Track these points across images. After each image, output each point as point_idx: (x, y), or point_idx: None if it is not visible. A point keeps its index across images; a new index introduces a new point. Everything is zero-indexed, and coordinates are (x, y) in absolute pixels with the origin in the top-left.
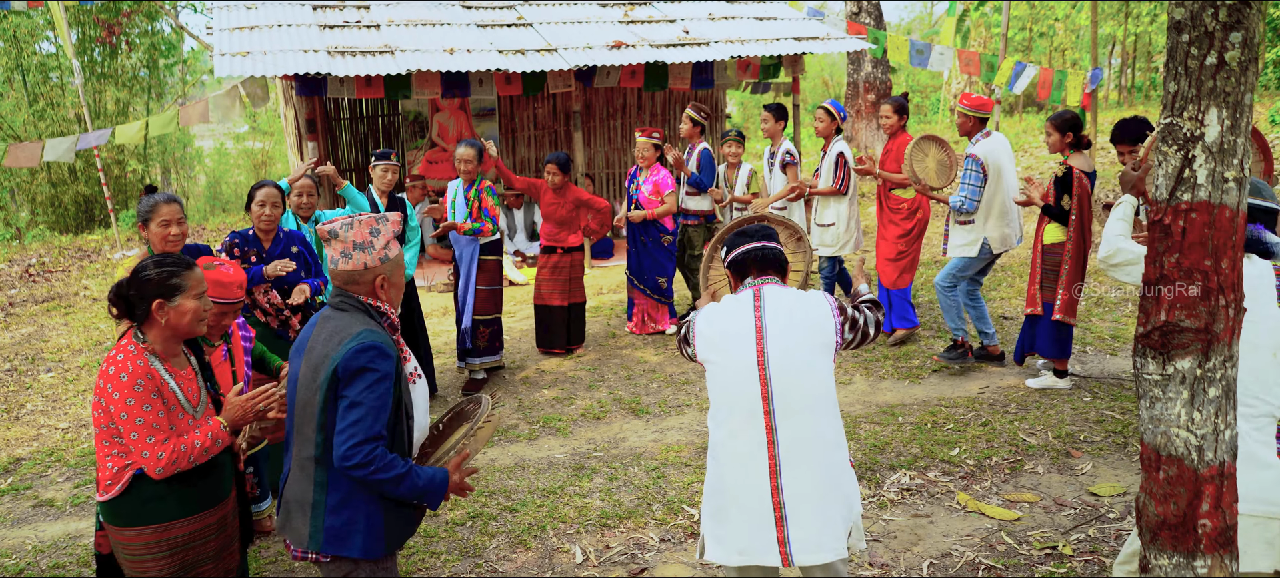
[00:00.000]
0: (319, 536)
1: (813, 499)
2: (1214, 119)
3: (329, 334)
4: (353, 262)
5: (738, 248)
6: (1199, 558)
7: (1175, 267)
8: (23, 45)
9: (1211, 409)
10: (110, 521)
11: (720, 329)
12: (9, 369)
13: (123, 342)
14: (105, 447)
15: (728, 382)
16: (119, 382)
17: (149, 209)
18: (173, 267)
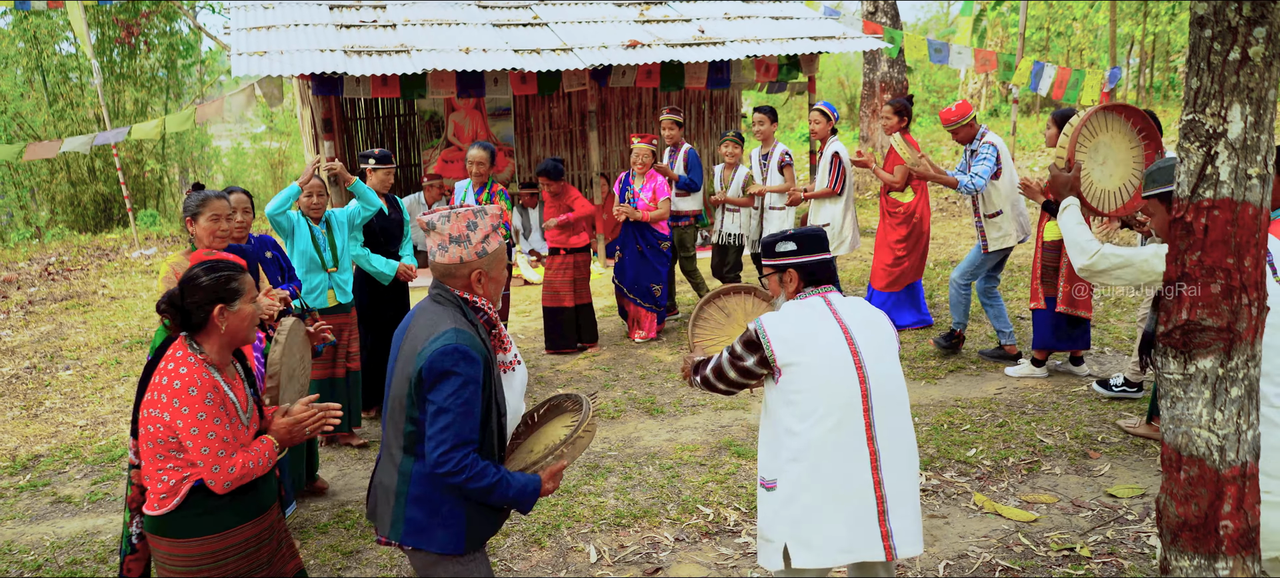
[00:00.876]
0: (399, 525)
1: (908, 494)
2: (1237, 115)
3: (422, 328)
4: (449, 255)
5: (813, 254)
6: (1221, 560)
7: (1197, 265)
8: (43, 46)
9: (1233, 409)
10: (163, 533)
11: (803, 331)
12: (28, 367)
13: (177, 353)
14: (159, 461)
15: (821, 380)
16: (187, 395)
17: (200, 203)
18: (229, 271)
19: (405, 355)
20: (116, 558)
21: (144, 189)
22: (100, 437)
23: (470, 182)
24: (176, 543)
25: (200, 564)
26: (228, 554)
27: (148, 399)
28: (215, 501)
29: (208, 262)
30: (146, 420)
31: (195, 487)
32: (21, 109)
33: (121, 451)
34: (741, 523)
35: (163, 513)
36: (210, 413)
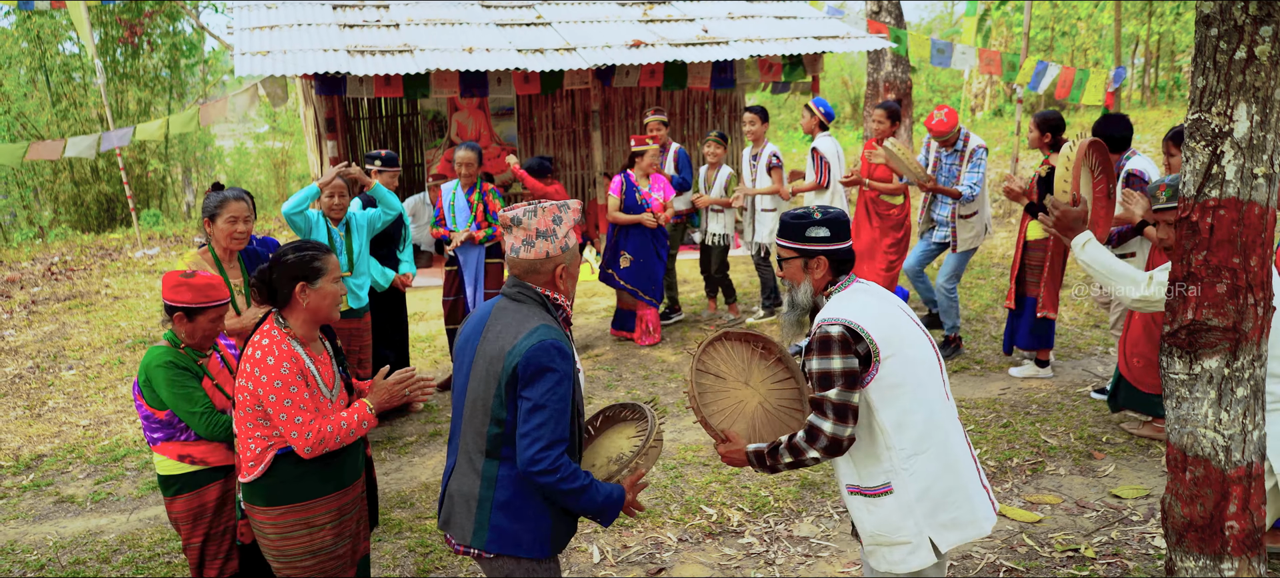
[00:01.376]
0: (483, 533)
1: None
2: (1243, 114)
3: (506, 327)
4: (535, 250)
5: (844, 241)
6: (1226, 560)
7: (1203, 264)
8: (46, 45)
9: (1239, 409)
10: (253, 500)
11: (890, 322)
12: (31, 367)
13: (265, 327)
14: (248, 429)
15: (918, 370)
16: (266, 365)
17: (218, 204)
18: (314, 251)
19: (488, 356)
20: (119, 558)
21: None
22: (103, 437)
23: (459, 182)
24: (267, 510)
25: (290, 531)
26: (314, 523)
27: (239, 371)
28: (300, 470)
29: (298, 242)
30: (239, 390)
31: (279, 455)
32: (25, 109)
33: (125, 450)
34: (744, 524)
35: (252, 480)
36: (286, 382)
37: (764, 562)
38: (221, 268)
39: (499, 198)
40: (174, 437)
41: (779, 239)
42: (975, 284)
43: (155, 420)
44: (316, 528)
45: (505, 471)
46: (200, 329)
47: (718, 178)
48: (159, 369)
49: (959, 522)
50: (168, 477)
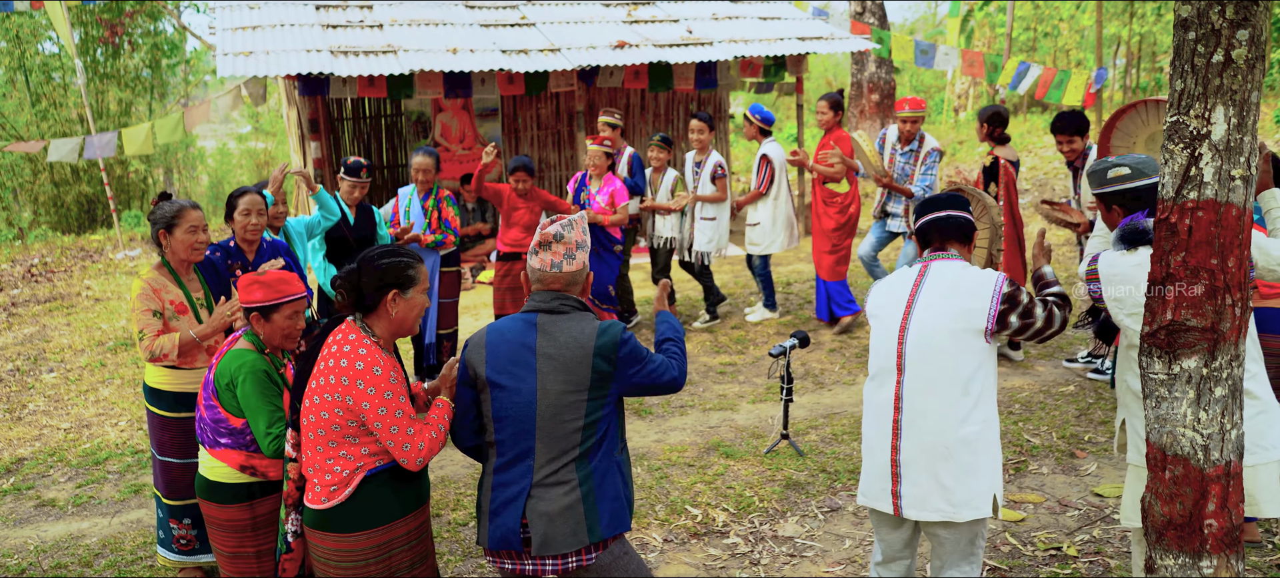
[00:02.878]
0: (598, 526)
1: (922, 465)
2: (1221, 117)
3: (571, 336)
4: (576, 262)
5: (924, 215)
6: (1205, 558)
7: (1181, 265)
8: (26, 45)
9: (1217, 409)
10: (329, 528)
11: (882, 295)
12: (11, 369)
13: (351, 337)
14: (331, 449)
15: (876, 345)
16: (372, 376)
17: (175, 214)
18: (408, 258)
19: (563, 365)
20: (101, 561)
21: (128, 190)
22: (84, 440)
23: (414, 188)
24: (344, 538)
25: (367, 558)
26: (393, 546)
27: (318, 385)
28: (386, 490)
29: (388, 247)
30: (319, 407)
31: (368, 476)
32: (4, 108)
33: (106, 454)
34: (729, 524)
35: (332, 506)
36: (396, 391)
37: (749, 562)
38: (181, 283)
39: (454, 205)
40: (241, 445)
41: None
42: None
43: (226, 426)
44: (397, 550)
45: (598, 464)
46: (279, 328)
47: (664, 181)
48: (251, 375)
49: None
50: (221, 483)
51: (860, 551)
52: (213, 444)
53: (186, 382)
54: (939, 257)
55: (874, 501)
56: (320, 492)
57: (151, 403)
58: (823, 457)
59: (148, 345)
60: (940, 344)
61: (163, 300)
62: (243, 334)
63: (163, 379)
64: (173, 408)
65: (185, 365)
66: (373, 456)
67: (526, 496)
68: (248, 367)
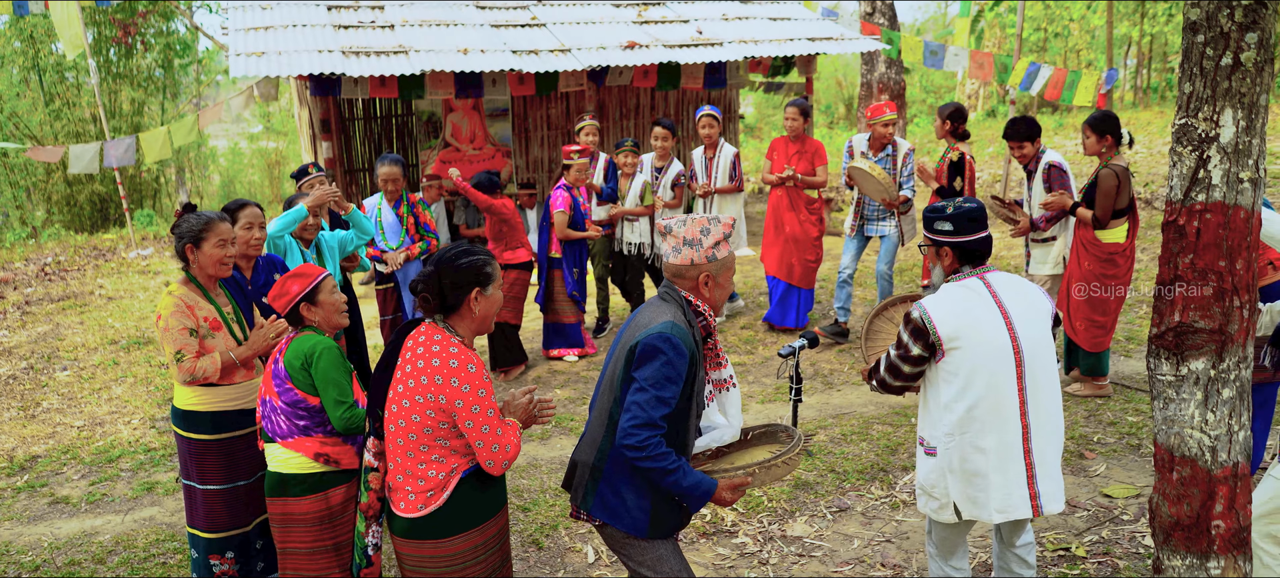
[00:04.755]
0: (590, 499)
1: (1051, 460)
2: (1229, 120)
3: (644, 317)
4: (681, 257)
5: (969, 235)
6: (1212, 559)
7: (1189, 267)
8: (40, 45)
9: (1225, 410)
10: (423, 535)
11: (964, 315)
12: (25, 367)
13: (436, 337)
14: (423, 452)
15: (980, 363)
16: (467, 373)
17: (202, 226)
18: (485, 256)
19: (624, 341)
20: (114, 559)
21: (141, 189)
22: (98, 437)
23: (382, 196)
24: (439, 543)
25: (460, 562)
26: (486, 549)
27: (408, 388)
28: (477, 492)
29: (462, 245)
30: (408, 411)
31: (462, 478)
32: (18, 108)
33: (119, 451)
34: (738, 524)
35: (428, 512)
36: (488, 390)
37: (758, 562)
38: (209, 297)
39: (427, 208)
40: (316, 430)
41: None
42: None
43: (304, 406)
44: (490, 551)
45: (617, 448)
46: (328, 306)
47: (632, 187)
48: (327, 351)
49: (978, 501)
50: (297, 476)
51: (868, 551)
52: (287, 435)
53: (226, 399)
54: (988, 270)
55: (1011, 511)
56: (415, 499)
57: (186, 428)
58: (831, 457)
59: (188, 368)
60: (1045, 345)
61: (197, 318)
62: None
63: (198, 400)
64: (212, 430)
65: (223, 382)
66: (466, 457)
67: (581, 440)
68: (323, 344)
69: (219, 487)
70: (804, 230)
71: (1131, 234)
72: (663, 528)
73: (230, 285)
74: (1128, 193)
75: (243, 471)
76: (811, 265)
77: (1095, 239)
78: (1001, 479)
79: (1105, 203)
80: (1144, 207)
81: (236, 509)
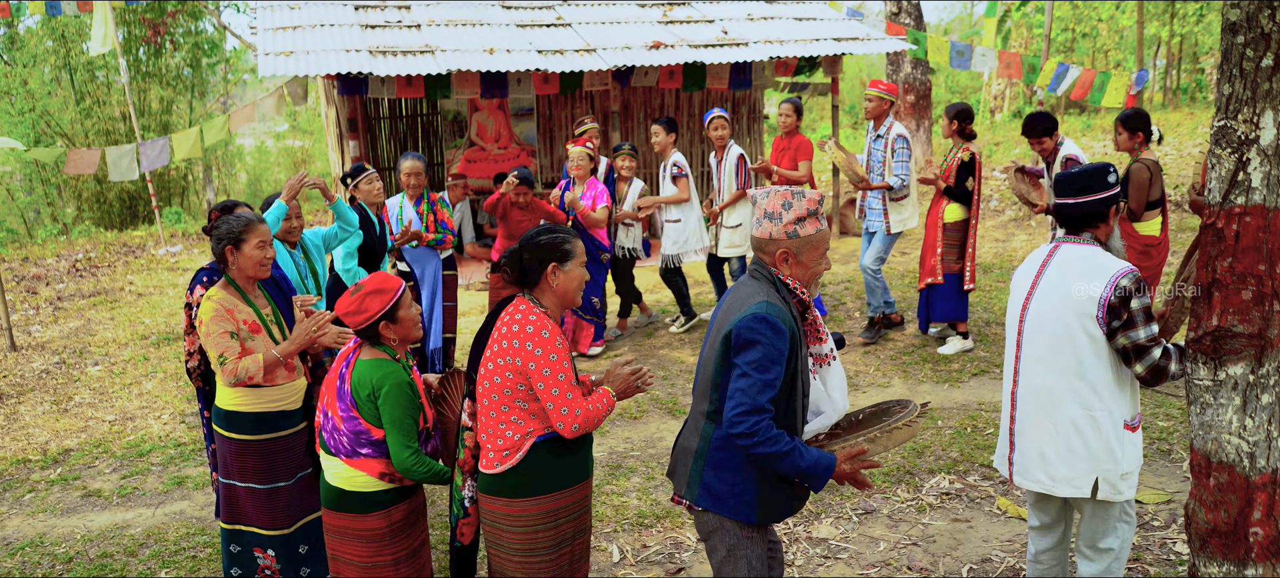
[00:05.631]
0: (695, 487)
1: (1035, 438)
2: (1270, 122)
3: (737, 299)
4: (761, 230)
5: (1064, 195)
6: (1250, 566)
7: (1228, 271)
8: (71, 45)
9: (1264, 416)
10: (500, 493)
11: (1017, 275)
12: (57, 362)
13: (521, 306)
14: (504, 413)
15: (1008, 318)
16: (541, 338)
17: (243, 227)
18: (564, 233)
19: (718, 324)
20: (145, 551)
21: (169, 187)
22: (129, 431)
23: (405, 194)
24: (514, 502)
25: (536, 524)
26: (561, 515)
27: (493, 352)
28: (554, 458)
29: (548, 224)
30: (492, 372)
31: (537, 443)
32: (50, 107)
33: (150, 445)
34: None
35: (503, 470)
36: (561, 356)
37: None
38: (248, 300)
39: (447, 207)
40: (381, 457)
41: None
42: (995, 288)
43: (367, 437)
44: (564, 519)
45: (720, 431)
46: (407, 322)
47: (630, 190)
48: (395, 388)
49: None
50: (358, 493)
51: (894, 554)
52: (350, 455)
53: (269, 400)
54: (1072, 240)
55: (999, 462)
56: (494, 456)
57: (229, 428)
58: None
59: (231, 370)
60: (1058, 324)
61: (237, 321)
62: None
63: (241, 401)
64: (254, 430)
65: (266, 382)
66: (542, 422)
67: (684, 426)
68: (392, 378)
69: (261, 486)
70: None
71: (1165, 228)
72: (771, 514)
73: (268, 286)
74: (1159, 185)
75: (284, 472)
76: None
77: (1132, 231)
78: (1001, 431)
79: (1139, 195)
80: (1174, 209)
81: (276, 512)
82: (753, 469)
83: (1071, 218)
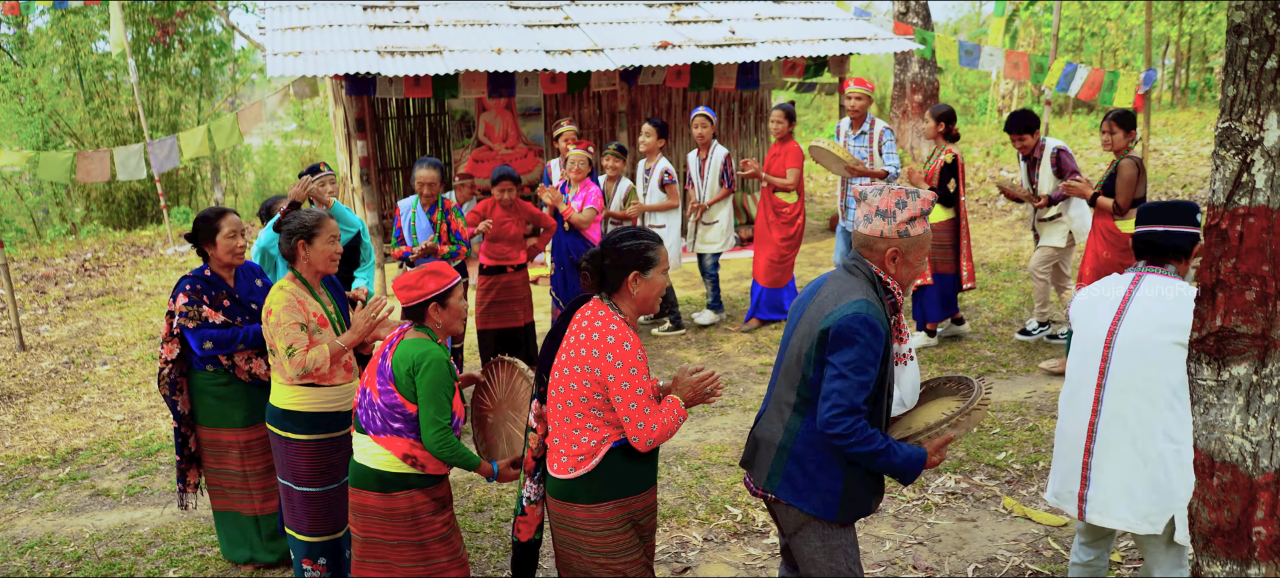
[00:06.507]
0: (775, 478)
1: (1120, 472)
2: (1274, 123)
3: (832, 293)
4: (872, 227)
5: (1147, 225)
6: (1253, 566)
7: (1232, 272)
8: (80, 44)
9: (1267, 416)
10: (572, 498)
11: (1085, 309)
12: (66, 361)
13: (599, 313)
14: (578, 420)
15: (1079, 346)
16: (622, 350)
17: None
18: (649, 240)
19: (810, 316)
20: (154, 550)
21: (177, 187)
22: (137, 431)
23: (417, 200)
24: (589, 507)
25: (607, 528)
26: (630, 519)
27: (569, 357)
28: (629, 464)
29: (630, 228)
30: (568, 378)
31: (612, 449)
32: (58, 106)
33: (158, 445)
34: (769, 524)
35: (578, 476)
36: (641, 368)
37: None
38: (314, 294)
39: (460, 216)
40: (409, 434)
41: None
42: (1002, 288)
43: (401, 411)
44: (634, 523)
45: (806, 425)
46: (455, 312)
47: (617, 191)
48: (435, 363)
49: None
50: (381, 473)
51: (900, 554)
52: (381, 431)
53: (325, 400)
54: (1155, 271)
55: (1061, 501)
56: (567, 461)
57: (282, 427)
58: None
59: (300, 361)
60: (1149, 354)
61: (307, 313)
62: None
63: (299, 400)
64: (308, 430)
65: (325, 381)
66: (617, 429)
67: (762, 416)
68: (433, 356)
69: (319, 489)
70: (766, 232)
71: None
72: (853, 510)
73: (327, 284)
74: (1145, 184)
75: (340, 472)
76: (775, 265)
77: (1114, 229)
78: (1060, 467)
79: (1126, 191)
80: None
81: (336, 514)
82: (841, 466)
83: (1158, 247)
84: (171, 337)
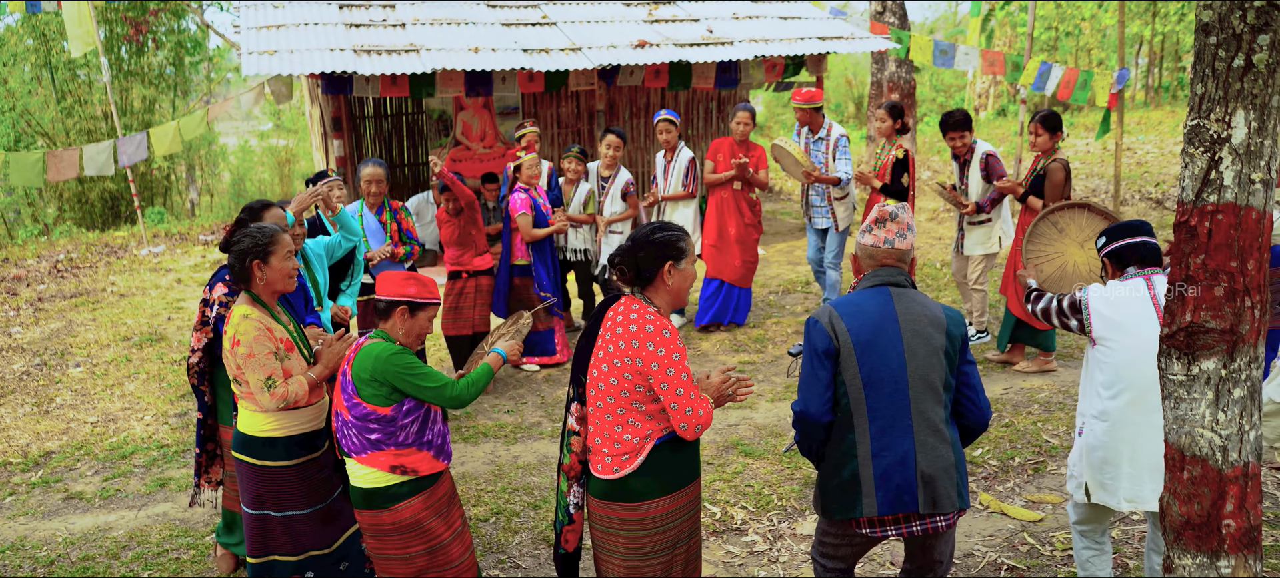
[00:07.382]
0: (964, 489)
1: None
2: (1241, 121)
3: (923, 307)
4: (906, 241)
5: (1120, 240)
6: (1223, 558)
7: (1201, 268)
8: (51, 43)
9: (1236, 410)
10: (618, 498)
11: (1121, 312)
12: (39, 364)
13: (634, 306)
14: (621, 416)
15: (1129, 359)
16: (662, 338)
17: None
18: (678, 231)
19: (924, 335)
20: (128, 554)
21: (152, 187)
22: (111, 433)
23: (363, 203)
24: (633, 506)
25: (652, 526)
26: (675, 516)
27: (606, 354)
28: (673, 458)
29: (659, 222)
30: (607, 374)
31: (657, 444)
32: (30, 106)
33: (133, 447)
34: (748, 522)
35: (623, 475)
36: (682, 356)
37: (768, 560)
38: (275, 316)
39: (409, 214)
40: (388, 444)
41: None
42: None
43: (374, 418)
44: (678, 520)
45: (953, 430)
46: (419, 327)
47: (577, 194)
48: (393, 358)
49: (1107, 487)
50: (376, 489)
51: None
52: (360, 450)
53: (303, 422)
54: (1156, 272)
55: (1141, 502)
56: (611, 461)
57: (257, 456)
58: None
59: (281, 394)
60: None
61: (275, 340)
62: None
63: (275, 425)
64: (286, 456)
65: (299, 404)
66: (660, 423)
67: (915, 454)
68: (386, 354)
69: (304, 511)
70: (745, 232)
71: None
72: None
73: (282, 302)
74: (1071, 184)
75: (322, 491)
76: (751, 266)
77: None
78: (1132, 470)
79: (1055, 193)
80: (1155, 206)
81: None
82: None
83: (1143, 255)
84: (204, 323)
